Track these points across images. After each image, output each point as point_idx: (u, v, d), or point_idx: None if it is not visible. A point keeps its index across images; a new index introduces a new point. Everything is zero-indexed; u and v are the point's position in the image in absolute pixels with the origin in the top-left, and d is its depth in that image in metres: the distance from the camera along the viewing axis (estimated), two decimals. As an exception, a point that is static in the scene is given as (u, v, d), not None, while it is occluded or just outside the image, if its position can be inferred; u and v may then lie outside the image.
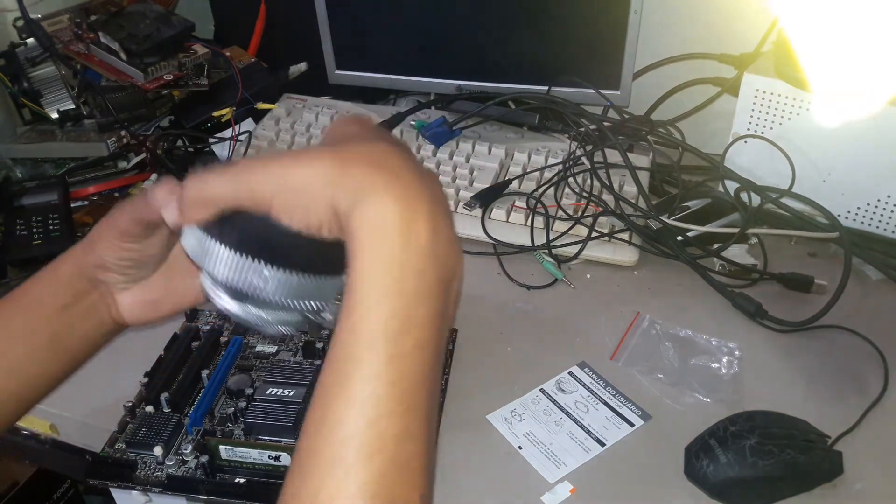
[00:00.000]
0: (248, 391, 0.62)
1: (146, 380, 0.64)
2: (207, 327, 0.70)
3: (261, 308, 0.39)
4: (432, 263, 0.35)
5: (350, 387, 0.33)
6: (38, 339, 0.48)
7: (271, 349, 0.68)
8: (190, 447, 0.59)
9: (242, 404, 0.61)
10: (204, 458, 0.58)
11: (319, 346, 0.67)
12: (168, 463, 0.58)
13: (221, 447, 0.58)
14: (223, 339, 0.69)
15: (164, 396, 0.62)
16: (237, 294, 0.39)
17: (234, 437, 0.60)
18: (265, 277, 0.38)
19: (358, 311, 0.34)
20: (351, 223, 0.34)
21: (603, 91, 0.94)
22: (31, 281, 0.49)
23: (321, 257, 0.38)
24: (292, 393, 0.61)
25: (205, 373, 0.65)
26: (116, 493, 0.69)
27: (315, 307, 0.40)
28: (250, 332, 0.70)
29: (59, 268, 0.49)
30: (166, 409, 0.62)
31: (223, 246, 0.38)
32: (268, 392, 0.61)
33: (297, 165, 0.35)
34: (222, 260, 0.38)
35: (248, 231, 0.37)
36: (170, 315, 0.52)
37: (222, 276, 0.38)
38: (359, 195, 0.34)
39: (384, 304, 0.34)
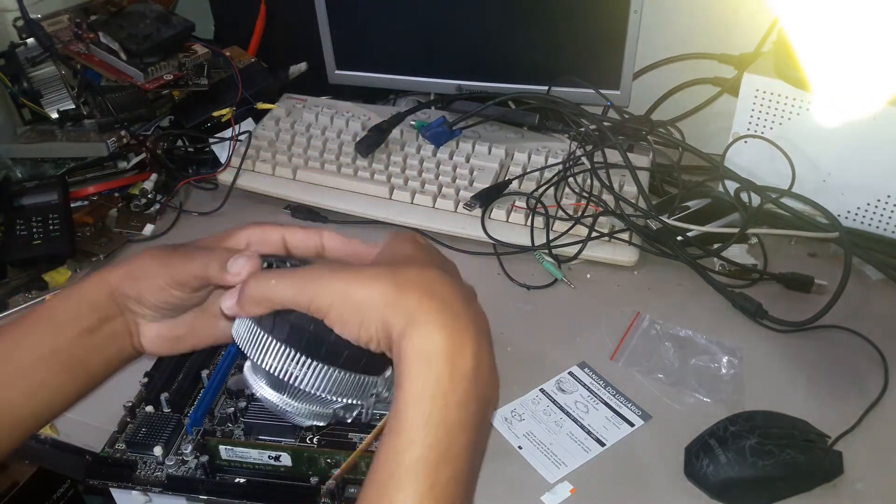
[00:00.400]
0: (249, 391, 0.62)
1: (146, 380, 0.64)
2: None
3: (298, 399, 0.43)
4: (474, 395, 0.38)
5: None
6: (60, 360, 0.48)
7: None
8: (190, 447, 0.59)
9: (242, 404, 0.61)
10: (204, 458, 0.58)
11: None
12: (168, 463, 0.58)
13: (221, 447, 0.58)
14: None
15: (164, 396, 0.62)
16: (277, 384, 0.43)
17: (234, 437, 0.60)
18: (309, 372, 0.41)
19: (403, 437, 0.36)
20: (401, 346, 0.37)
21: (603, 91, 0.94)
22: (58, 299, 0.49)
23: (364, 359, 0.41)
24: None
25: (204, 373, 0.65)
26: (116, 494, 0.69)
27: (350, 403, 0.43)
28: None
29: (88, 290, 0.49)
30: (166, 409, 0.62)
31: (273, 339, 0.41)
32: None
33: (358, 284, 0.38)
34: (270, 351, 0.41)
35: (299, 330, 0.41)
36: (188, 351, 0.53)
37: (267, 365, 0.41)
38: (411, 320, 0.37)
39: (428, 433, 0.36)
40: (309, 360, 0.41)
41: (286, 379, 0.41)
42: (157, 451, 0.58)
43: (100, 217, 0.91)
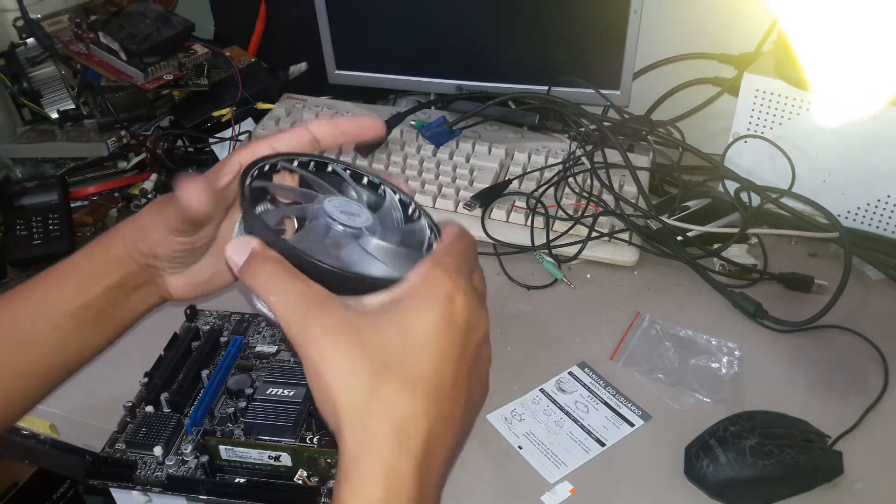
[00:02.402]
0: (248, 391, 0.62)
1: (146, 380, 0.64)
2: (207, 327, 0.70)
3: None
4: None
5: None
6: (90, 314, 0.48)
7: (271, 349, 0.68)
8: (190, 447, 0.59)
9: (242, 404, 0.61)
10: (204, 459, 0.58)
11: None
12: (168, 463, 0.58)
13: (221, 447, 0.58)
14: (223, 340, 0.69)
15: (163, 396, 0.62)
16: None
17: (234, 437, 0.60)
18: None
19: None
20: (348, 457, 0.33)
21: (603, 91, 0.94)
22: (81, 255, 0.49)
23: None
24: (292, 393, 0.60)
25: (205, 373, 0.65)
26: (116, 493, 0.69)
27: None
28: (250, 331, 0.70)
29: (110, 247, 0.49)
30: (166, 410, 0.62)
31: None
32: (268, 392, 0.61)
33: (324, 363, 0.33)
34: None
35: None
36: (220, 289, 0.52)
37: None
38: (367, 448, 0.33)
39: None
40: None
41: None
42: (157, 451, 0.58)
43: (100, 217, 0.91)
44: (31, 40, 0.97)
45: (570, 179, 0.85)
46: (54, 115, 0.99)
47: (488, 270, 0.80)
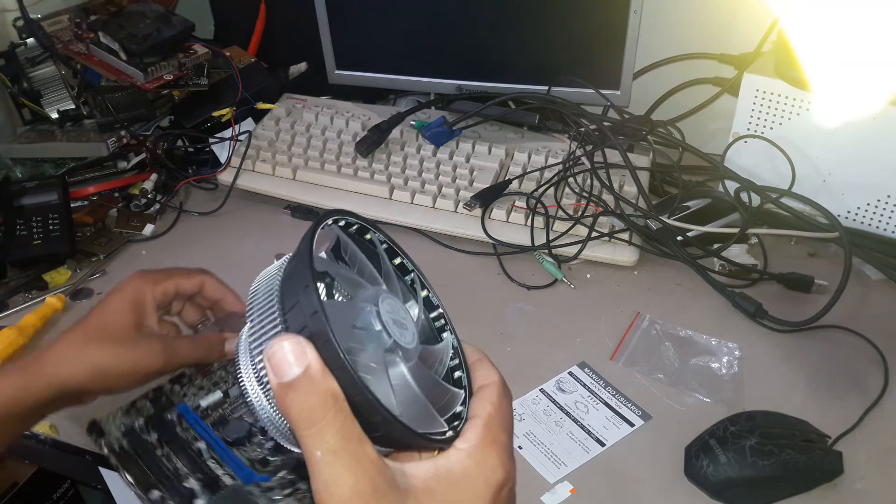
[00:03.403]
0: (260, 424, 0.57)
1: (157, 493, 0.58)
2: (140, 423, 0.59)
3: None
4: None
5: None
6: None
7: (217, 395, 0.60)
8: (279, 490, 0.55)
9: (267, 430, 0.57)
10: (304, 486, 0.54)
11: None
12: None
13: None
14: (170, 418, 0.58)
15: (195, 487, 0.56)
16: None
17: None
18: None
19: None
20: None
21: (603, 91, 0.94)
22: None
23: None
24: None
25: (201, 446, 0.57)
26: (116, 493, 0.69)
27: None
28: (175, 398, 0.61)
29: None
30: (211, 495, 0.58)
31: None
32: None
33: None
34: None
35: None
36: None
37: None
38: None
39: None
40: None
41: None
42: None
43: (100, 217, 0.91)
44: (31, 40, 0.97)
45: (570, 179, 0.85)
46: (54, 115, 0.99)
47: (488, 270, 0.80)
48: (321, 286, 0.32)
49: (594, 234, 0.80)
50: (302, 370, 0.29)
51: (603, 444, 0.62)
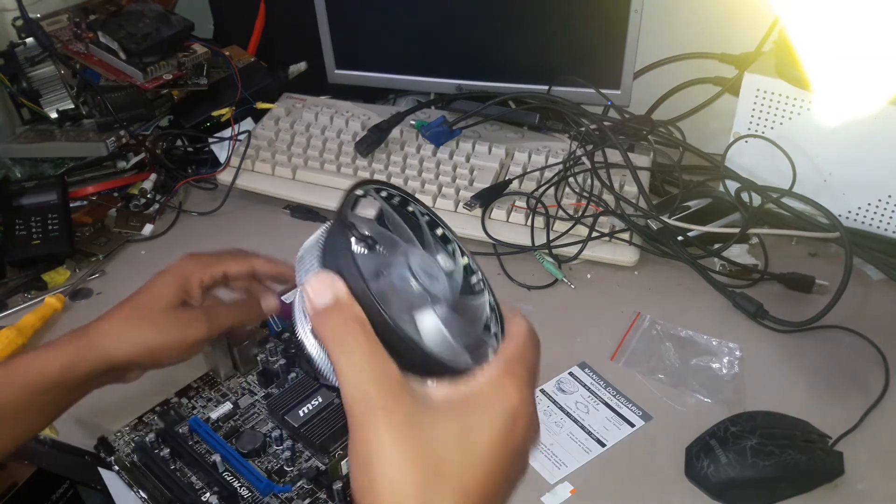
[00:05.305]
0: (276, 433, 0.59)
1: None
2: (150, 438, 0.61)
3: None
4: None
5: None
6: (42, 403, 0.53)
7: (227, 406, 0.64)
8: (297, 497, 0.56)
9: (289, 443, 0.59)
10: (338, 486, 0.55)
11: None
12: None
13: (343, 463, 0.57)
14: (181, 431, 0.62)
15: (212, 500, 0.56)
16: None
17: (331, 454, 0.58)
18: None
19: None
20: None
21: (603, 90, 0.93)
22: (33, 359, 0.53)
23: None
24: (320, 400, 0.60)
25: (216, 458, 0.59)
26: (115, 492, 0.68)
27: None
28: (184, 410, 0.65)
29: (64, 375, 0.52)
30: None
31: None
32: (301, 414, 0.60)
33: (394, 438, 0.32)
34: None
35: None
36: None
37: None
38: None
39: None
40: None
41: None
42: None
43: (99, 217, 0.91)
44: (30, 40, 0.97)
45: (571, 179, 0.85)
46: (53, 115, 0.99)
47: (489, 270, 0.80)
48: (358, 244, 0.35)
49: (594, 234, 0.80)
50: (332, 298, 0.33)
51: (603, 445, 0.62)
